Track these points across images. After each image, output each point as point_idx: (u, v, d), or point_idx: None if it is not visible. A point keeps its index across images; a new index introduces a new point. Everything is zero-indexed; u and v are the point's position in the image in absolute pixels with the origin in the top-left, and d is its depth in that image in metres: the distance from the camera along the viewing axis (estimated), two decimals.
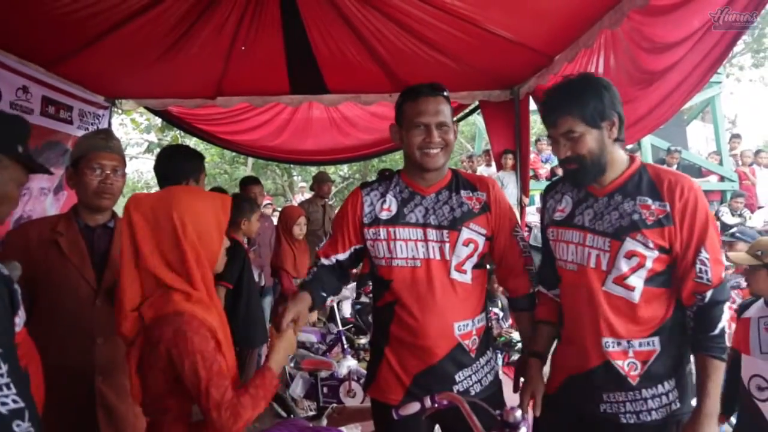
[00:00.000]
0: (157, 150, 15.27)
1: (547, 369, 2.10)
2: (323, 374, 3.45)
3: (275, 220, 6.49)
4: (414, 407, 1.67)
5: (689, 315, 1.78)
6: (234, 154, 15.29)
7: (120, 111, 5.76)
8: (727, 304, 1.76)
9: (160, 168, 2.76)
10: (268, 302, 5.47)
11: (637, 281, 1.80)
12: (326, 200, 6.38)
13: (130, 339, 1.61)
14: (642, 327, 1.82)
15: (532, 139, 10.20)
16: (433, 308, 1.99)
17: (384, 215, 2.09)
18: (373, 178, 5.99)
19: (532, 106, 5.28)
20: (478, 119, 10.88)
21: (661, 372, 1.82)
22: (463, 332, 2.02)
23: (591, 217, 1.89)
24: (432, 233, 2.03)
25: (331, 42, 4.39)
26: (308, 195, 8.21)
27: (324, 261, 2.20)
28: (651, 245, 1.77)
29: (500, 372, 2.22)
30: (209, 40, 4.15)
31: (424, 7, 3.64)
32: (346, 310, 5.69)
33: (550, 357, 2.12)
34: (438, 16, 3.73)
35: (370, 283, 4.79)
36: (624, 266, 1.80)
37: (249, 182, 5.32)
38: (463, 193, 2.10)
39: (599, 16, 3.47)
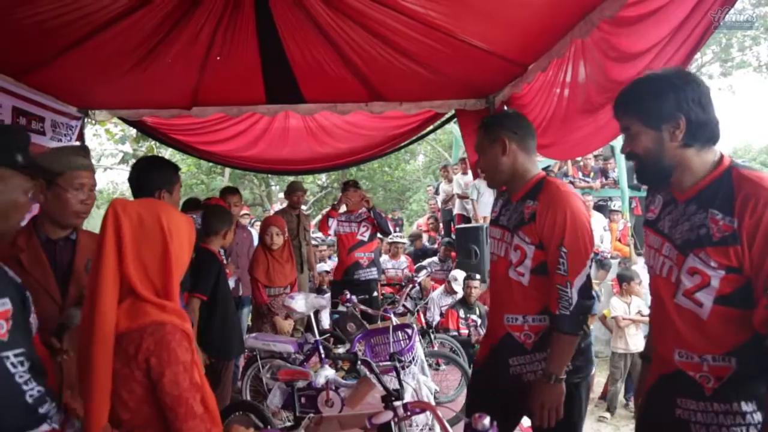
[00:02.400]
0: (132, 161, 15.13)
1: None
2: (300, 384, 3.43)
3: (254, 231, 6.48)
4: (387, 416, 1.68)
5: (766, 344, 1.58)
6: (211, 164, 15.21)
7: (94, 122, 5.69)
8: None
9: (134, 179, 2.74)
10: (245, 313, 5.44)
11: (705, 298, 1.67)
12: (300, 210, 6.35)
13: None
14: (715, 344, 1.69)
15: None
16: (496, 293, 2.43)
17: (493, 215, 2.50)
18: None
19: None
20: (455, 128, 10.94)
21: (738, 391, 1.66)
22: (512, 324, 2.30)
23: (670, 225, 1.79)
24: (506, 235, 2.35)
25: (307, 52, 4.40)
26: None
27: None
28: (714, 264, 1.64)
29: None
30: (184, 49, 4.13)
31: (399, 18, 3.67)
32: (325, 319, 5.67)
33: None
34: (413, 26, 3.77)
35: (347, 292, 4.82)
36: (687, 282, 1.71)
37: (226, 192, 5.30)
38: (527, 202, 2.28)
39: (571, 26, 3.54)
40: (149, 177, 2.68)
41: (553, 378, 2.16)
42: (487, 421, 1.66)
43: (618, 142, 9.11)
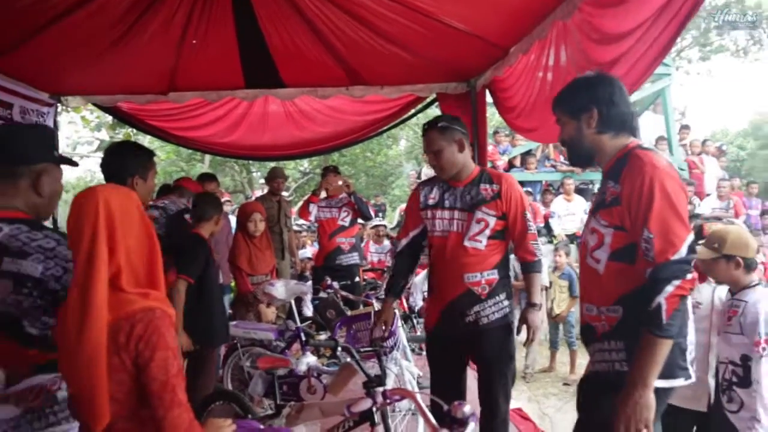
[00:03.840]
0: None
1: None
2: (281, 372, 3.41)
3: (233, 219, 6.40)
4: (366, 404, 1.66)
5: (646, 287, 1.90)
6: (190, 151, 15.01)
7: (68, 108, 5.55)
8: (675, 282, 1.82)
9: (106, 164, 2.67)
10: (226, 300, 5.37)
11: (601, 255, 2.06)
12: (281, 196, 6.30)
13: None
14: (608, 296, 2.05)
15: (490, 131, 10.32)
16: (451, 264, 2.87)
17: (430, 202, 3.00)
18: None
19: (489, 98, 5.32)
20: (436, 112, 10.94)
21: (623, 333, 2.01)
22: (471, 281, 2.85)
23: (594, 198, 2.20)
24: (457, 214, 2.90)
25: (285, 35, 4.32)
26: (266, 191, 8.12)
27: (403, 242, 3.14)
28: (604, 222, 2.05)
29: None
30: (159, 32, 4.03)
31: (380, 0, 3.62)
32: (306, 306, 5.64)
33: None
34: (393, 8, 3.71)
35: (327, 279, 4.78)
36: (590, 241, 2.11)
37: (204, 179, 5.22)
38: (482, 186, 2.91)
39: (552, 8, 3.50)
40: (122, 163, 2.62)
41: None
42: (467, 408, 1.64)
43: None
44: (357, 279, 5.95)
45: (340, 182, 5.97)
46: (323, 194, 6.04)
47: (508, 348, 2.93)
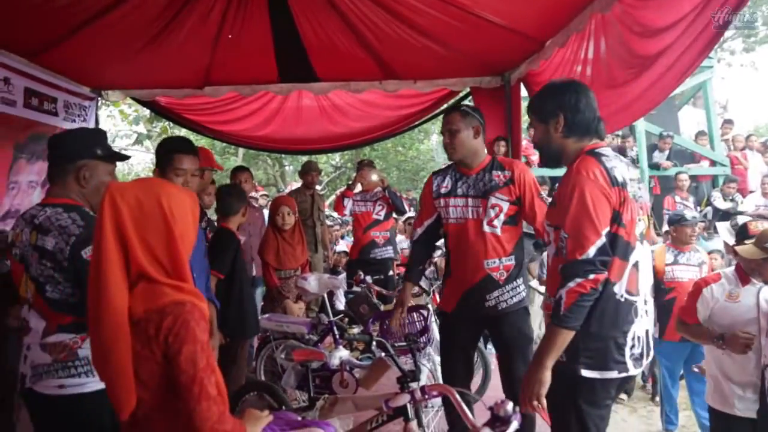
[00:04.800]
0: (147, 142, 15.14)
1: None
2: (314, 365, 3.43)
3: (266, 212, 6.46)
4: (404, 399, 1.67)
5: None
6: (224, 144, 15.19)
7: (108, 102, 5.67)
8: (576, 279, 2.01)
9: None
10: (258, 293, 5.43)
11: (549, 251, 2.30)
12: (314, 190, 6.33)
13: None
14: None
15: (524, 126, 10.19)
16: (470, 250, 3.04)
17: (443, 190, 3.17)
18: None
19: (524, 92, 5.26)
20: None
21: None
22: (491, 267, 3.03)
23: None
24: (471, 201, 3.06)
25: (319, 29, 4.33)
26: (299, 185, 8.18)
27: (418, 231, 3.32)
28: (548, 222, 2.30)
29: None
30: (195, 28, 4.09)
31: None
32: (339, 300, 5.67)
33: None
34: (428, 1, 3.70)
35: (360, 273, 4.79)
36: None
37: (236, 170, 5.27)
38: (494, 172, 3.07)
39: (590, 0, 3.44)
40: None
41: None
42: (510, 406, 1.63)
43: (639, 121, 8.92)
44: (391, 273, 5.97)
45: (375, 176, 5.98)
46: (358, 188, 6.07)
47: (526, 331, 3.13)
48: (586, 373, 2.07)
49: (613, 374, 2.09)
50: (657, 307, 3.97)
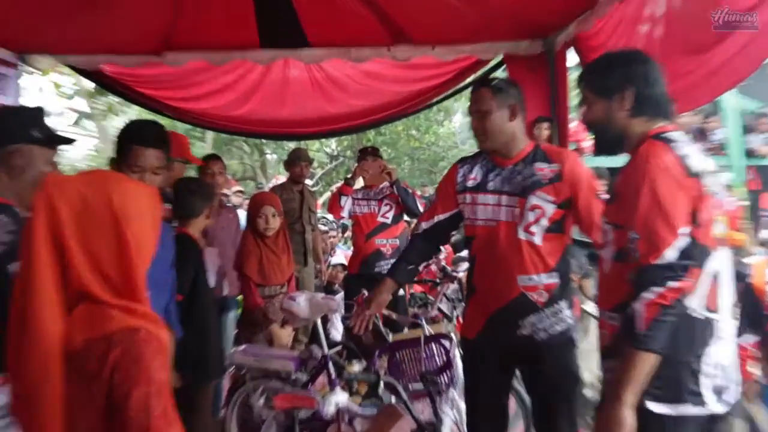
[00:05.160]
0: (88, 122, 15.17)
1: None
2: (303, 414, 3.41)
3: (242, 214, 6.45)
4: None
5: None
6: (189, 127, 15.23)
7: (35, 71, 5.66)
8: (653, 289, 2.05)
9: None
10: (231, 318, 5.40)
11: (607, 255, 2.37)
12: (304, 185, 6.32)
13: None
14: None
15: (574, 102, 10.13)
16: (501, 262, 2.98)
17: (470, 183, 3.15)
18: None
19: (573, 60, 5.25)
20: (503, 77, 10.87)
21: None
22: (527, 285, 2.95)
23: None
24: (505, 199, 3.02)
25: None
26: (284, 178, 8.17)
27: (423, 225, 3.30)
28: (605, 219, 2.39)
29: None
30: None
31: None
32: (335, 327, 5.63)
33: None
34: None
35: (365, 292, 4.77)
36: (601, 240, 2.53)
37: (205, 159, 5.26)
38: (537, 165, 3.02)
39: None
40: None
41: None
42: None
43: (728, 95, 8.78)
44: (401, 293, 5.93)
45: (381, 168, 5.95)
46: (359, 183, 6.05)
47: (572, 368, 3.06)
48: (654, 407, 2.10)
49: (689, 409, 2.11)
50: (760, 339, 3.97)
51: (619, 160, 2.46)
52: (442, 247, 8.48)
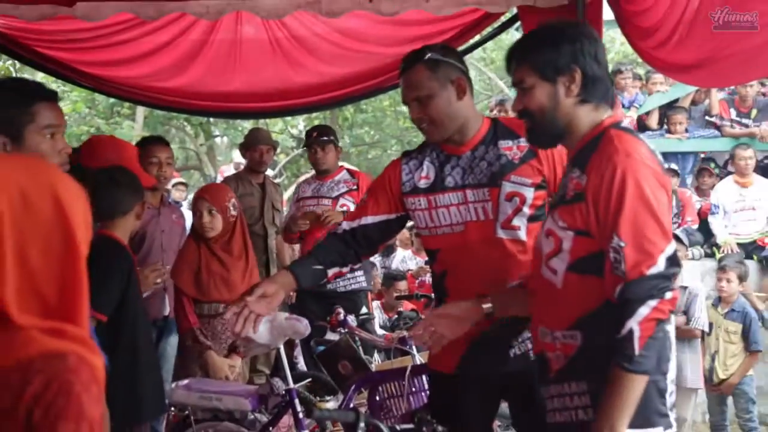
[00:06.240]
0: None
1: None
2: None
3: (189, 214, 6.44)
4: None
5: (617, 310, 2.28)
6: (113, 100, 15.18)
7: None
8: (651, 303, 2.18)
9: None
10: (172, 344, 5.41)
11: (558, 265, 2.44)
12: (265, 176, 6.33)
13: None
14: (563, 317, 2.46)
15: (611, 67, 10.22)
16: (480, 273, 2.92)
17: (422, 183, 3.12)
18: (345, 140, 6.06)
19: (608, 15, 5.28)
20: (517, 37, 10.93)
21: (585, 369, 2.40)
22: None
23: (556, 192, 2.71)
24: (471, 194, 3.00)
25: None
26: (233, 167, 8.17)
27: (345, 225, 3.20)
28: (562, 224, 2.42)
29: None
30: None
31: None
32: (302, 355, 5.67)
33: None
34: None
35: (340, 310, 4.82)
36: (546, 247, 2.51)
37: (149, 143, 5.26)
38: (501, 143, 3.04)
39: None
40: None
41: None
42: None
43: None
44: (365, 310, 6.00)
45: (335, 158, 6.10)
46: (306, 174, 6.08)
47: None
48: None
49: None
50: None
51: (661, 144, 2.58)
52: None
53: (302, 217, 5.76)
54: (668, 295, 2.18)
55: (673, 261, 2.23)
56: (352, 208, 5.71)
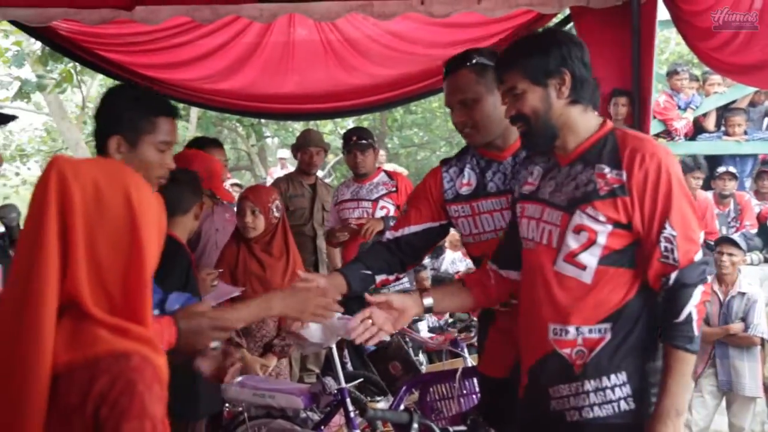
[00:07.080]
0: (37, 95, 15.18)
1: None
2: None
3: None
4: None
5: (658, 301, 2.47)
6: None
7: None
8: (701, 287, 2.37)
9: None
10: None
11: (589, 259, 2.49)
12: (316, 177, 6.34)
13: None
14: (593, 312, 2.51)
15: (662, 71, 10.09)
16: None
17: (464, 190, 3.13)
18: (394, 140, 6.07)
19: (663, 14, 5.23)
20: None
21: (609, 364, 2.49)
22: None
23: (551, 190, 2.66)
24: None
25: None
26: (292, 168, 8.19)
27: (388, 235, 3.26)
28: (602, 218, 2.46)
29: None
30: None
31: None
32: (351, 356, 5.69)
33: None
34: None
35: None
36: (573, 243, 2.52)
37: (204, 144, 5.27)
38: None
39: None
40: (104, 113, 2.70)
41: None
42: None
43: None
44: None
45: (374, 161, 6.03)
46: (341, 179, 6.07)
47: None
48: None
49: None
50: None
51: (719, 146, 2.66)
52: None
53: (340, 230, 5.73)
54: (710, 279, 2.42)
55: (704, 246, 2.45)
56: (392, 210, 5.82)
